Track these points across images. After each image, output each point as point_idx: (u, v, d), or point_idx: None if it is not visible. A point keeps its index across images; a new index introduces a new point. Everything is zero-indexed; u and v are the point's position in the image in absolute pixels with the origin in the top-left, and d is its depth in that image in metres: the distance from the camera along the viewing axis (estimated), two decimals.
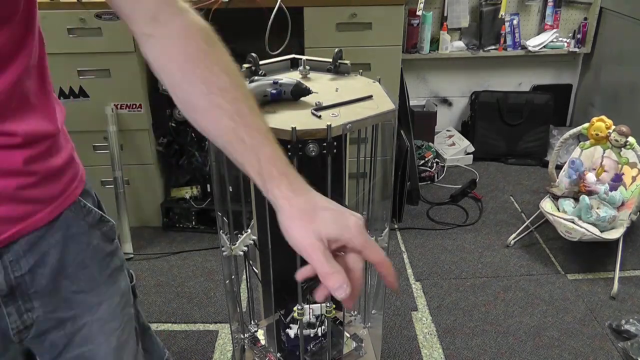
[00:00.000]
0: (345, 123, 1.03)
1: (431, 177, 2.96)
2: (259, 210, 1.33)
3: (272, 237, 1.31)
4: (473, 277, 2.20)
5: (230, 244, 1.33)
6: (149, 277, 2.21)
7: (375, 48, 2.31)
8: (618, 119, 2.28)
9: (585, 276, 2.21)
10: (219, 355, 1.83)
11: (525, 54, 3.06)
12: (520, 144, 3.17)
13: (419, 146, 3.03)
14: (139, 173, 2.42)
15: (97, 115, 2.28)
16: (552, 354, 1.82)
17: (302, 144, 1.02)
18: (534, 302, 2.06)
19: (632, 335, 1.83)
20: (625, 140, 2.08)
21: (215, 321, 1.98)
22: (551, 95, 3.13)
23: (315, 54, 1.17)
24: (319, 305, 1.34)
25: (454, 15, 2.99)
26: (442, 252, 2.37)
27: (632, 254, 2.31)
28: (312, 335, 1.35)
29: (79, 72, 2.21)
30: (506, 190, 2.87)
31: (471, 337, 1.90)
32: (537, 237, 2.46)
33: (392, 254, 2.35)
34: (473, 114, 3.21)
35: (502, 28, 3.00)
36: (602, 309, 2.02)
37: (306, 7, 2.22)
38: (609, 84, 3.03)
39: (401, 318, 1.99)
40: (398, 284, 1.87)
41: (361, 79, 1.29)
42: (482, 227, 2.55)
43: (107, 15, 2.12)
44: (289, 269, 1.25)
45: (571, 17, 3.10)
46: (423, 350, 1.85)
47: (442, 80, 3.27)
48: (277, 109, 1.10)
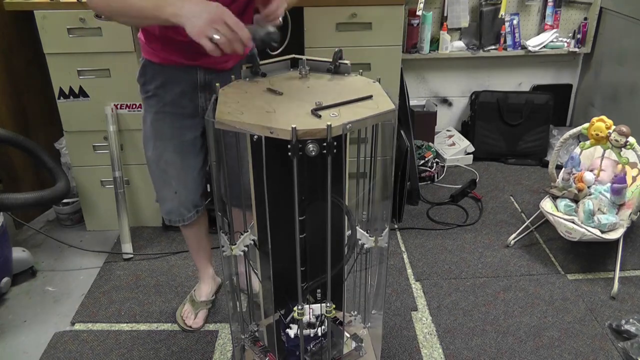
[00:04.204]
0: (345, 123, 1.03)
1: (431, 177, 2.96)
2: (259, 210, 1.33)
3: (272, 237, 1.31)
4: (473, 277, 2.20)
5: (230, 244, 1.33)
6: (149, 277, 2.21)
7: (375, 48, 2.31)
8: (618, 119, 2.28)
9: (585, 276, 2.21)
10: (219, 355, 1.83)
11: (525, 54, 3.06)
12: (520, 144, 3.17)
13: (419, 146, 3.03)
14: (139, 173, 2.42)
15: (97, 115, 2.28)
16: (552, 354, 1.82)
17: (302, 144, 1.02)
18: (534, 302, 2.06)
19: (632, 335, 1.83)
20: (625, 140, 2.08)
21: (215, 321, 1.98)
22: (551, 95, 3.13)
23: (315, 54, 1.17)
24: (319, 305, 1.34)
25: (454, 15, 2.99)
26: (442, 252, 2.37)
27: (632, 254, 2.31)
28: (312, 335, 1.35)
29: (78, 72, 2.21)
30: (506, 190, 2.87)
31: (471, 337, 1.90)
32: (537, 237, 2.46)
33: (392, 254, 2.35)
34: (473, 113, 3.21)
35: (502, 28, 3.00)
36: (602, 309, 2.02)
37: (306, 7, 2.22)
38: (609, 84, 3.03)
39: (401, 318, 1.99)
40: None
41: (361, 79, 1.29)
42: (482, 227, 2.55)
43: None
44: (289, 269, 1.25)
45: (571, 17, 3.10)
46: (423, 350, 1.85)
47: (442, 80, 3.27)
48: (277, 109, 1.10)
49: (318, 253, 1.25)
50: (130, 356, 1.82)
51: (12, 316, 2.04)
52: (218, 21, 1.12)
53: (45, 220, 2.66)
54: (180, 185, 1.66)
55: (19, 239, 2.51)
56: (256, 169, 1.28)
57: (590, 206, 2.11)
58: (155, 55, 1.52)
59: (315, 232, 1.23)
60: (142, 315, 2.01)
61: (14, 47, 2.40)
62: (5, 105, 2.38)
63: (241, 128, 1.05)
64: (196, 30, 1.13)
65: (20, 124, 2.47)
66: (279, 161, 1.17)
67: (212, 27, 1.12)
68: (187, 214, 1.73)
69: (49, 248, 2.45)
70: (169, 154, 1.62)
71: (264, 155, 1.22)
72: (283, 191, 1.18)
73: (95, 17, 2.11)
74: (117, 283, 2.18)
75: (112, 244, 2.45)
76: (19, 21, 2.37)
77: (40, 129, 2.58)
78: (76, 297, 2.13)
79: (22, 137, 2.05)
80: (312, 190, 1.19)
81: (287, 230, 1.21)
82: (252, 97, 1.18)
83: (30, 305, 2.10)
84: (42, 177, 2.56)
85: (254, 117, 1.06)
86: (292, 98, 1.16)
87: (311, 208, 1.22)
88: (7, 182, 2.44)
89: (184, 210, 1.71)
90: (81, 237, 2.51)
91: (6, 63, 2.37)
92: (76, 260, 2.36)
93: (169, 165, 1.63)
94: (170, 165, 1.63)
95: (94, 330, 1.95)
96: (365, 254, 1.43)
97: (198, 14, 1.13)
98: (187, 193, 1.68)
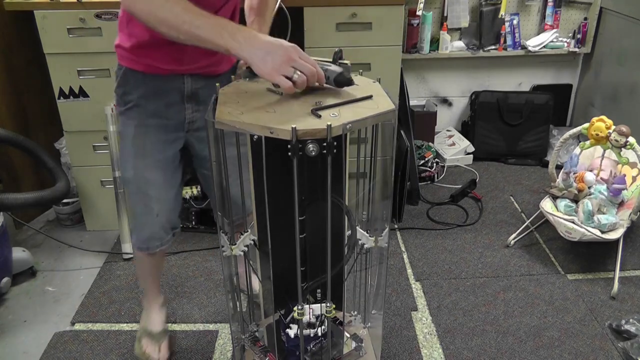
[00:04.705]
0: (345, 123, 1.03)
1: (431, 177, 2.96)
2: (259, 210, 1.33)
3: (272, 237, 1.31)
4: (473, 277, 2.20)
5: (230, 244, 1.33)
6: None
7: (375, 48, 2.31)
8: (618, 119, 2.28)
9: (585, 276, 2.21)
10: (219, 355, 1.83)
11: (525, 54, 3.06)
12: (520, 144, 3.17)
13: (419, 146, 3.03)
14: None
15: (97, 115, 2.28)
16: (552, 354, 1.82)
17: (302, 144, 1.02)
18: (534, 302, 2.06)
19: (632, 335, 1.83)
20: (625, 140, 2.08)
21: (215, 321, 1.98)
22: (551, 95, 3.13)
23: (315, 53, 1.17)
24: (319, 305, 1.34)
25: (454, 15, 2.99)
26: (442, 252, 2.37)
27: (632, 254, 2.31)
28: (312, 335, 1.35)
29: (78, 72, 2.21)
30: (506, 190, 2.87)
31: (471, 337, 1.90)
32: (537, 237, 2.46)
33: (392, 254, 2.35)
34: (473, 113, 3.21)
35: (502, 28, 3.00)
36: (602, 309, 2.02)
37: (306, 7, 2.22)
38: (609, 84, 3.03)
39: (401, 318, 1.99)
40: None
41: (361, 78, 1.29)
42: (482, 227, 2.55)
43: (107, 15, 2.12)
44: (289, 269, 1.25)
45: (571, 17, 3.10)
46: (423, 350, 1.85)
47: (442, 80, 3.27)
48: (277, 109, 1.10)
49: (318, 253, 1.25)
50: (130, 356, 1.82)
51: (12, 316, 2.04)
52: (292, 58, 1.10)
53: (45, 220, 2.67)
54: (162, 206, 1.52)
55: (19, 239, 2.51)
56: (256, 169, 1.28)
57: (590, 206, 2.11)
58: (138, 63, 1.39)
59: (315, 232, 1.23)
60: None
61: (14, 47, 2.40)
62: (5, 105, 2.38)
63: (241, 128, 1.05)
64: (269, 68, 1.09)
65: (20, 124, 2.47)
66: (279, 161, 1.17)
67: (288, 65, 1.09)
68: (166, 237, 1.59)
69: (49, 248, 2.45)
70: (150, 173, 1.48)
71: (264, 155, 1.22)
72: (283, 191, 1.18)
73: (95, 17, 2.11)
74: (117, 283, 2.18)
75: (112, 244, 2.45)
76: (19, 21, 2.37)
77: (40, 129, 2.58)
78: (76, 297, 2.13)
79: (22, 137, 2.05)
80: (312, 190, 1.19)
81: (287, 230, 1.21)
82: (252, 97, 1.18)
83: (30, 305, 2.10)
84: (42, 177, 2.56)
85: (254, 117, 1.06)
86: (292, 98, 1.16)
87: (311, 208, 1.22)
88: (7, 182, 2.44)
89: (164, 233, 1.57)
90: (81, 237, 2.51)
91: (6, 63, 2.37)
92: (76, 260, 2.36)
93: (150, 186, 1.49)
94: (152, 185, 1.49)
95: (94, 330, 1.95)
96: (365, 254, 1.43)
97: (273, 51, 1.09)
98: (168, 214, 1.55)
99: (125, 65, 1.41)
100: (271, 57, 1.09)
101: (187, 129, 1.50)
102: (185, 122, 1.49)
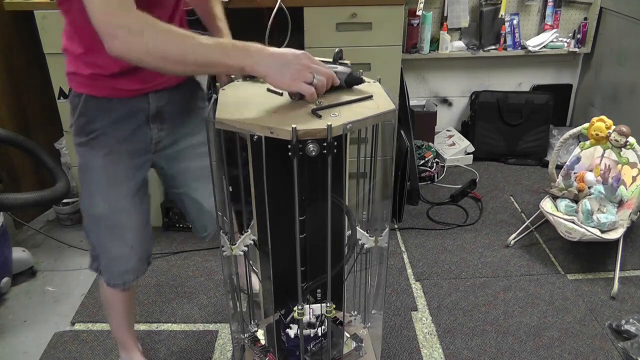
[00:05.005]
0: (345, 123, 1.03)
1: (431, 177, 2.96)
2: (259, 210, 1.33)
3: (272, 237, 1.31)
4: (473, 277, 2.20)
5: (230, 244, 1.33)
6: (149, 277, 2.21)
7: (375, 48, 2.31)
8: (618, 119, 2.28)
9: (585, 276, 2.21)
10: (219, 355, 1.83)
11: (525, 54, 3.06)
12: (520, 144, 3.17)
13: (419, 146, 3.03)
14: None
15: None
16: (552, 354, 1.82)
17: (302, 144, 1.02)
18: (534, 302, 2.06)
19: (632, 335, 1.83)
20: (625, 140, 2.09)
21: (215, 321, 1.98)
22: (551, 95, 3.13)
23: (315, 54, 1.16)
24: (319, 305, 1.34)
25: (454, 15, 2.99)
26: (442, 252, 2.37)
27: (632, 254, 2.31)
28: (312, 335, 1.35)
29: None
30: (506, 190, 2.87)
31: (471, 337, 1.90)
32: (537, 237, 2.46)
33: (392, 254, 2.35)
34: (473, 113, 3.21)
35: (502, 28, 3.00)
36: (602, 309, 2.02)
37: (306, 7, 2.22)
38: (609, 84, 3.03)
39: (401, 318, 1.99)
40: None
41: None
42: (482, 227, 2.55)
43: None
44: (289, 269, 1.25)
45: (571, 17, 3.10)
46: (423, 350, 1.85)
47: (442, 80, 3.27)
48: (277, 109, 1.10)
49: (318, 253, 1.25)
50: None
51: (12, 316, 2.04)
52: (308, 65, 1.08)
53: (45, 220, 2.67)
54: (136, 236, 1.44)
55: (19, 239, 2.51)
56: (256, 169, 1.28)
57: (589, 206, 2.11)
58: (101, 89, 1.26)
59: (315, 232, 1.23)
60: (142, 315, 2.01)
61: (14, 47, 2.40)
62: (5, 105, 2.38)
63: (241, 128, 1.04)
64: (288, 79, 1.06)
65: (20, 124, 2.47)
66: (279, 161, 1.17)
67: (307, 72, 1.07)
68: (142, 269, 1.51)
69: (49, 248, 2.45)
70: (123, 202, 1.39)
71: (264, 155, 1.22)
72: (283, 191, 1.18)
73: None
74: None
75: None
76: (19, 21, 2.37)
77: (40, 129, 2.58)
78: (76, 297, 2.13)
79: (22, 137, 2.04)
80: (312, 190, 1.19)
81: (287, 230, 1.21)
82: (252, 97, 1.18)
83: (30, 305, 2.10)
84: (42, 177, 2.56)
85: (254, 117, 1.06)
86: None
87: (311, 208, 1.22)
88: (7, 182, 2.44)
89: (140, 265, 1.49)
90: (81, 237, 2.51)
91: (6, 63, 2.37)
92: (76, 260, 2.36)
93: (124, 215, 1.40)
94: (125, 215, 1.40)
95: (94, 330, 1.95)
96: (365, 254, 1.43)
97: (288, 61, 1.07)
98: (143, 244, 1.48)
99: (86, 93, 1.28)
100: (288, 68, 1.06)
101: (153, 150, 1.41)
102: (152, 144, 1.39)
